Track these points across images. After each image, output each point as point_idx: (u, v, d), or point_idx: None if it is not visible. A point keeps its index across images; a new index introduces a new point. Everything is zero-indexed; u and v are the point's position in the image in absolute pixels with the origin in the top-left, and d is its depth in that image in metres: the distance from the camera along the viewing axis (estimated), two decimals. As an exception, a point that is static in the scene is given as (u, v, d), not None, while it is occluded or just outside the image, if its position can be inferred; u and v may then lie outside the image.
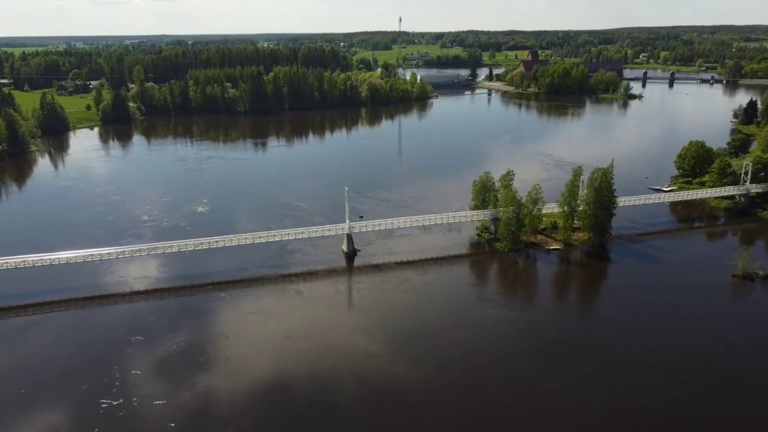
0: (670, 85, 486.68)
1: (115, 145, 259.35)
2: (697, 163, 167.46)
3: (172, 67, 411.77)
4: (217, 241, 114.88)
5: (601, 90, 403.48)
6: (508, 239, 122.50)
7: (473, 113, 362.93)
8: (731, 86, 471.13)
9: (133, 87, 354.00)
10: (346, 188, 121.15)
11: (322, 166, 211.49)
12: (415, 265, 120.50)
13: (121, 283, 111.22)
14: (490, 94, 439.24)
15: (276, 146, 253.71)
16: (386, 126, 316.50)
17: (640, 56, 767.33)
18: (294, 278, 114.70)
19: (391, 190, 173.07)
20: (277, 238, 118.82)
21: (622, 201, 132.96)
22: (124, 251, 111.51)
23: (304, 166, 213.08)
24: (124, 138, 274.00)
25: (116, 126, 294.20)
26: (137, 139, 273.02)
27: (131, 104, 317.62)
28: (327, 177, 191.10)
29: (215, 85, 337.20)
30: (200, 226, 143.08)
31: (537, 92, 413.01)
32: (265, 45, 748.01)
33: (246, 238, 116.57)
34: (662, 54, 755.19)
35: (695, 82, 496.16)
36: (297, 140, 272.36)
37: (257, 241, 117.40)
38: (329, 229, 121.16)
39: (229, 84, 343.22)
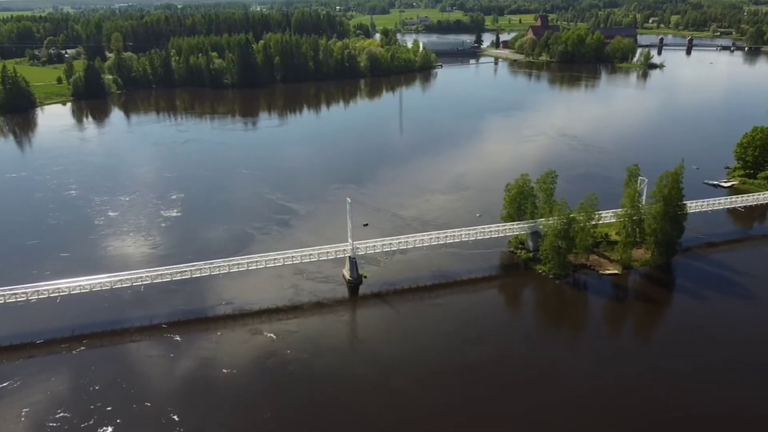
0: (688, 53, 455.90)
1: (84, 125, 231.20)
2: (762, 153, 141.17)
3: (154, 35, 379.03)
4: (182, 272, 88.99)
5: (617, 58, 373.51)
6: (553, 261, 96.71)
7: (482, 85, 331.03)
8: (754, 54, 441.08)
9: (111, 56, 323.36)
10: (348, 199, 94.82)
11: (316, 150, 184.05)
12: (436, 295, 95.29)
13: (57, 328, 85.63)
14: (496, 63, 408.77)
15: (265, 126, 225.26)
16: (388, 100, 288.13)
17: (650, 20, 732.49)
18: (278, 314, 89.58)
19: (396, 181, 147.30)
20: (260, 266, 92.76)
21: (690, 206, 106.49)
22: (59, 287, 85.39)
23: (296, 151, 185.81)
24: (97, 115, 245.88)
25: (90, 101, 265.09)
26: (111, 117, 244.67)
27: (107, 76, 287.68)
28: (322, 165, 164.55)
29: (200, 54, 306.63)
30: (166, 235, 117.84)
31: (549, 61, 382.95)
32: (258, 9, 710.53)
33: (220, 267, 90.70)
34: (673, 18, 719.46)
35: (714, 48, 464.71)
36: (288, 118, 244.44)
37: (234, 269, 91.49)
38: (327, 252, 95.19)
39: (215, 53, 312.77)
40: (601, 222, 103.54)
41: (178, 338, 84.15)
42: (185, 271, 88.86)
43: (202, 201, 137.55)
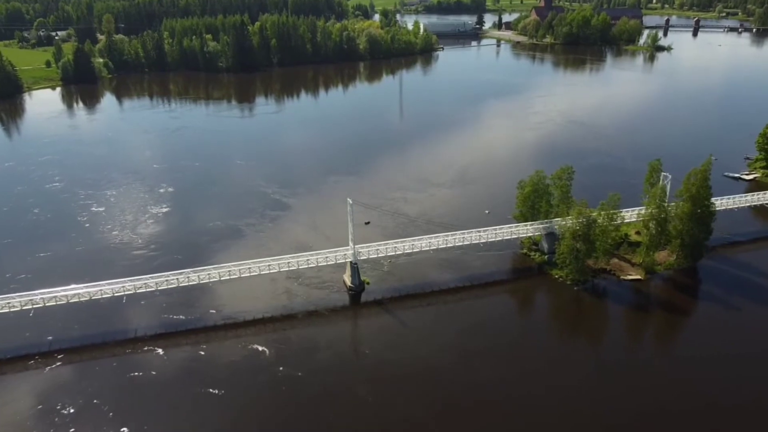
0: (695, 34, 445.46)
1: (73, 112, 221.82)
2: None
3: (147, 16, 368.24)
4: (168, 281, 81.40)
5: (624, 40, 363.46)
6: (571, 266, 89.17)
7: (485, 68, 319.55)
8: (762, 35, 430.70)
9: (102, 39, 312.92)
10: (349, 200, 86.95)
11: (313, 139, 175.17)
12: (444, 302, 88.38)
13: (29, 343, 78.30)
14: (499, 45, 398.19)
15: (261, 113, 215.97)
16: (388, 84, 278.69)
17: (654, 1, 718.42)
18: (271, 324, 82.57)
19: (398, 173, 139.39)
20: (254, 273, 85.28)
21: (716, 203, 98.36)
22: (33, 299, 77.90)
23: (293, 139, 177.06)
24: (87, 101, 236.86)
25: (80, 86, 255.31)
26: (102, 103, 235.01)
27: (97, 60, 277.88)
28: (320, 155, 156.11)
29: (193, 37, 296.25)
30: (152, 234, 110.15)
31: (553, 43, 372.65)
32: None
33: (210, 275, 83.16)
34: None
35: (722, 30, 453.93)
36: (285, 103, 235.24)
37: (224, 278, 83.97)
38: (327, 257, 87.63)
39: (209, 36, 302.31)
40: (622, 222, 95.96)
41: (161, 352, 77.04)
42: (171, 279, 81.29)
43: (192, 195, 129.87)
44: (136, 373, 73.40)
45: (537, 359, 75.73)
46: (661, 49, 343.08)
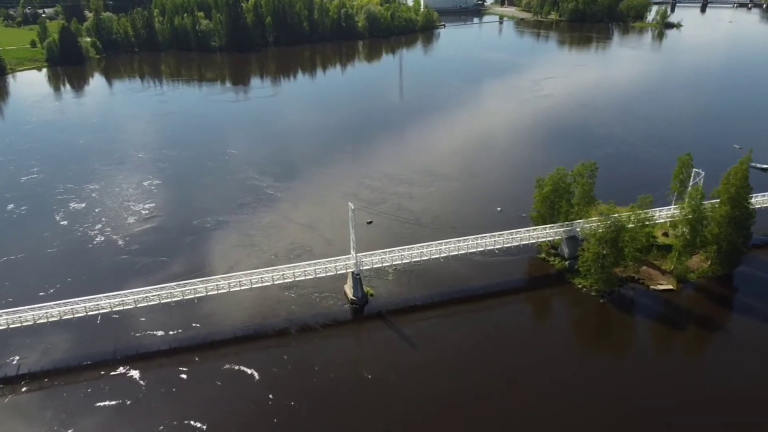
0: (703, 10, 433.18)
1: (59, 96, 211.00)
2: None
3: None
4: (148, 297, 72.59)
5: (631, 17, 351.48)
6: (596, 275, 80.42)
7: (488, 47, 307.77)
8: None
9: (90, 17, 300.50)
10: (351, 205, 77.67)
11: (310, 125, 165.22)
12: (455, 314, 80.00)
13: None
14: (501, 22, 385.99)
15: (256, 96, 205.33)
16: (388, 64, 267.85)
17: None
18: (263, 342, 74.11)
19: (401, 165, 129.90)
20: (245, 286, 76.41)
21: (753, 200, 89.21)
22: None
23: (289, 126, 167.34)
24: (75, 84, 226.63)
25: (67, 67, 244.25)
26: (90, 86, 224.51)
27: (85, 39, 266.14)
28: (317, 144, 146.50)
29: (185, 14, 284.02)
30: (134, 236, 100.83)
31: (558, 20, 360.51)
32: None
33: (196, 289, 74.32)
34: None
35: (731, 6, 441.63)
36: (281, 85, 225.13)
37: (212, 292, 75.18)
38: (326, 268, 78.60)
39: (201, 13, 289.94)
40: (653, 225, 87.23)
41: (136, 376, 68.81)
42: (152, 296, 72.50)
43: (181, 189, 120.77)
44: (108, 402, 65.15)
45: (558, 384, 67.38)
46: (671, 26, 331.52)
